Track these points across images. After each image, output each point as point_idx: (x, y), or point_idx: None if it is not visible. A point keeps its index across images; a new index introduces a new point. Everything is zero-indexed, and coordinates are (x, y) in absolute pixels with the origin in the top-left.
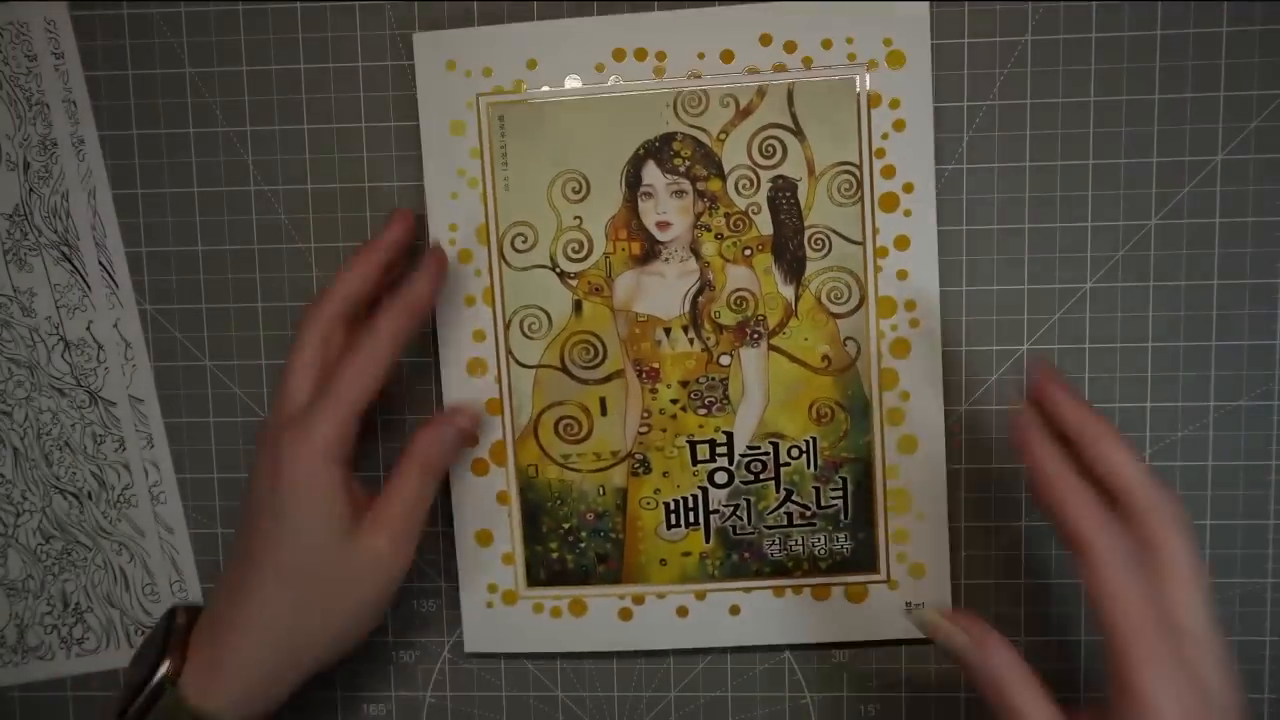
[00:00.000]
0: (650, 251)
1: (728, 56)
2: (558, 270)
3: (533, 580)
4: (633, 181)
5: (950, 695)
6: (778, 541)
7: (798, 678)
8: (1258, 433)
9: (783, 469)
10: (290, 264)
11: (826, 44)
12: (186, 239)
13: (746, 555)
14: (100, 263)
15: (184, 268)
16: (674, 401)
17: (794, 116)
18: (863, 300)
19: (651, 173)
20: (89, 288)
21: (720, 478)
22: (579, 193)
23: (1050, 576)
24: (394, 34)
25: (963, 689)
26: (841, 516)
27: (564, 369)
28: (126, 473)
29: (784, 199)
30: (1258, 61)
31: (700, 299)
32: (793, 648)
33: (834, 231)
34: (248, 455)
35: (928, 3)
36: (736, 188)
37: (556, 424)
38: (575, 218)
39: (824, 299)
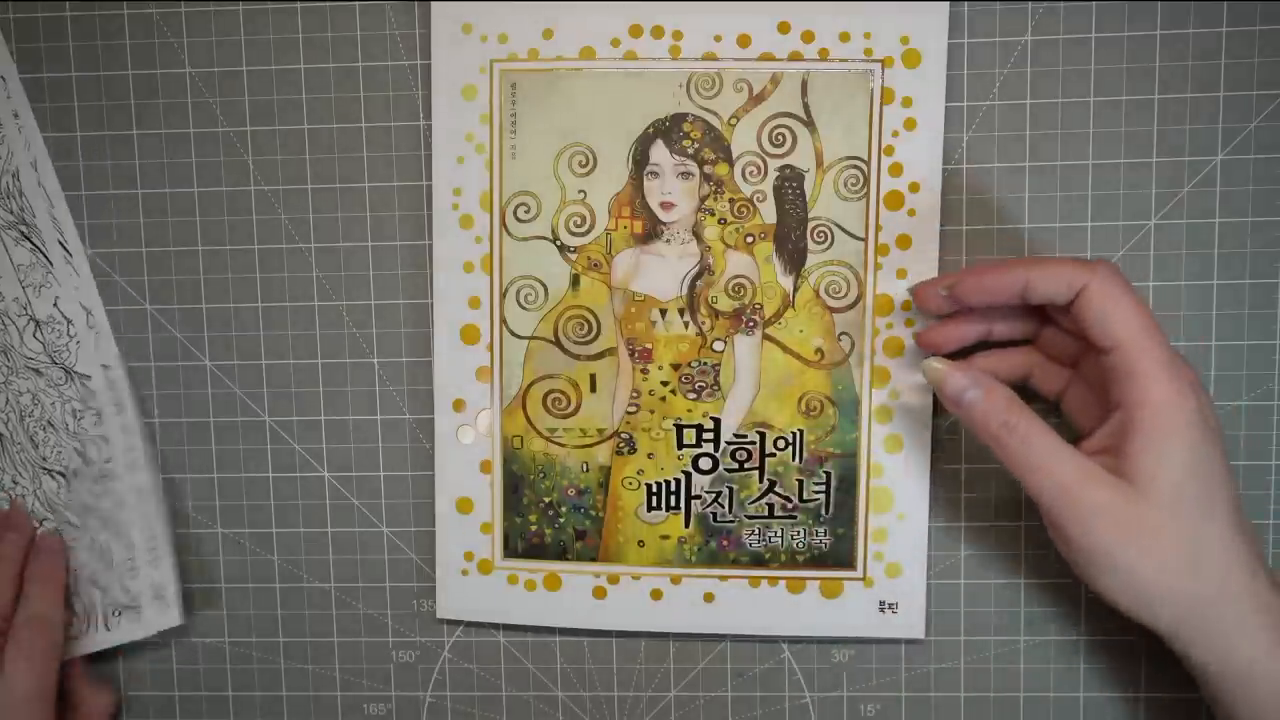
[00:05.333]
0: (652, 231)
1: (744, 41)
2: (558, 243)
3: (509, 551)
4: (640, 159)
5: (950, 695)
6: (757, 531)
7: (798, 678)
8: (1258, 433)
9: (768, 459)
10: (290, 264)
11: (844, 37)
12: (186, 239)
13: (725, 543)
14: (58, 238)
15: (184, 268)
16: (664, 383)
17: (806, 107)
18: (860, 296)
19: (660, 152)
20: (51, 264)
21: (704, 463)
22: (585, 166)
23: (1050, 576)
24: (394, 34)
25: (963, 689)
26: (822, 511)
27: (557, 342)
28: (106, 445)
29: (790, 189)
30: (1258, 61)
31: (699, 283)
32: (770, 640)
33: (837, 225)
34: (248, 455)
35: (947, 3)
36: (744, 174)
37: (545, 397)
38: (580, 191)
39: (822, 292)
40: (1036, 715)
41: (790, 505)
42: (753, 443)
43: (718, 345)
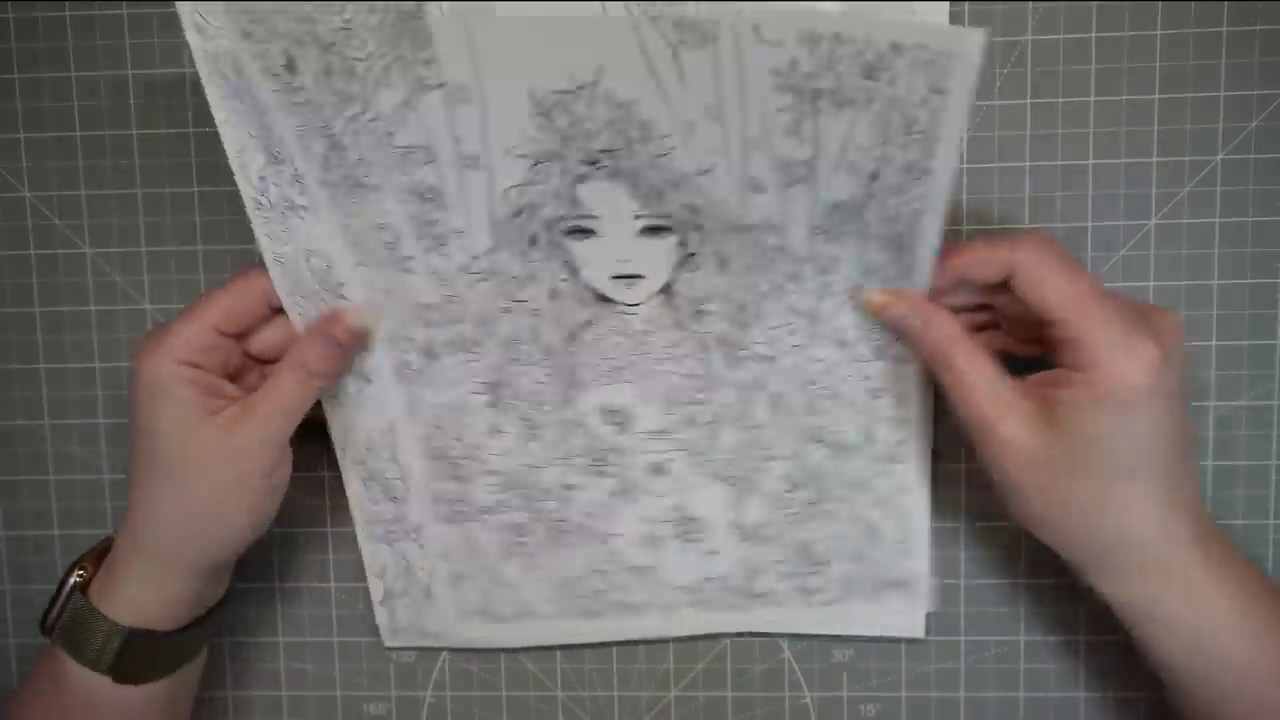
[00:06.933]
0: None
1: None
2: None
3: None
4: None
5: (950, 695)
6: None
7: (797, 677)
8: (1258, 433)
9: None
10: None
11: None
12: (187, 239)
13: None
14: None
15: (184, 267)
16: None
17: None
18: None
19: None
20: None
21: None
22: None
23: (1050, 576)
24: None
25: (963, 689)
26: None
27: None
28: (898, 429)
29: None
30: (1258, 61)
31: None
32: (771, 639)
33: None
34: None
35: (947, 3)
36: None
37: None
38: None
39: None
40: (1036, 715)
41: None
42: None
43: None
